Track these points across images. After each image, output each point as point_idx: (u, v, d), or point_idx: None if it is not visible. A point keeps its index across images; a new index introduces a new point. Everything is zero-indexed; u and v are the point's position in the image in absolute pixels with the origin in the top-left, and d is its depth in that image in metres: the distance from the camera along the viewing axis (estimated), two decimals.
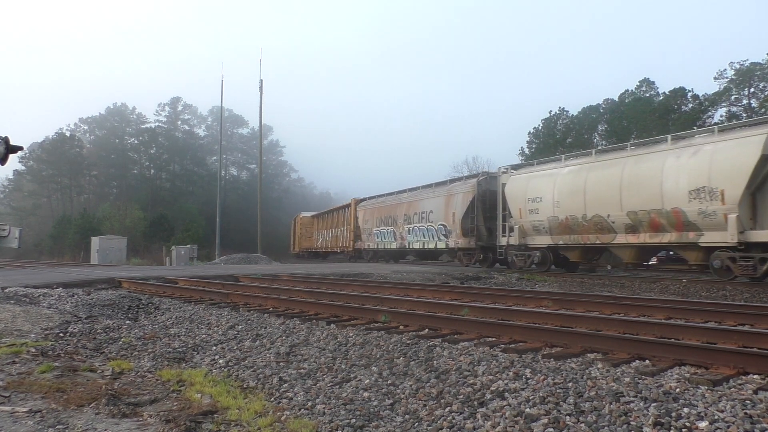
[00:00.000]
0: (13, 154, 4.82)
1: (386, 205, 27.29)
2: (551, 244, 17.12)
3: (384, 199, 28.14)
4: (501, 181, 19.33)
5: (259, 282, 12.74)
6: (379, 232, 27.49)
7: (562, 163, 17.43)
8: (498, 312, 6.84)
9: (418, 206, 24.41)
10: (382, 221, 27.22)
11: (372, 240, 28.20)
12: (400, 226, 25.38)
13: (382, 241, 27.17)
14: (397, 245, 25.81)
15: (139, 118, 78.04)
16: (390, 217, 26.49)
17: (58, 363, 5.04)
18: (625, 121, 41.11)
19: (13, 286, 10.46)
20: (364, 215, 29.20)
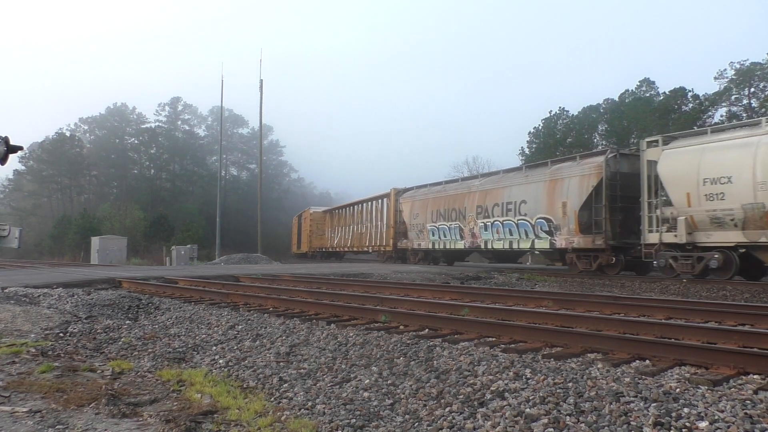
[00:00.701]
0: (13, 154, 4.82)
1: (446, 195, 22.13)
2: (742, 242, 12.52)
3: (442, 188, 22.94)
4: (646, 158, 14.64)
5: (259, 282, 12.74)
6: (435, 228, 22.24)
7: (763, 128, 12.43)
8: (498, 312, 6.84)
9: (499, 195, 19.08)
10: (440, 215, 21.93)
11: (424, 238, 23.03)
12: (471, 221, 20.17)
13: (441, 240, 21.97)
14: (466, 244, 20.68)
15: (139, 118, 78.06)
16: (454, 210, 21.20)
17: (58, 363, 5.04)
18: (625, 121, 41.13)
19: (13, 286, 10.46)
20: (412, 208, 24.00)
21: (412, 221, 24.04)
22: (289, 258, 43.27)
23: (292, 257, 44.43)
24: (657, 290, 12.28)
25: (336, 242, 33.58)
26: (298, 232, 41.16)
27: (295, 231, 42.94)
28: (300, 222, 40.99)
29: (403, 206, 24.97)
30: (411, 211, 24.24)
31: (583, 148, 35.77)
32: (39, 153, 66.04)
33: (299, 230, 40.95)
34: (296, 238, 41.94)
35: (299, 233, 40.82)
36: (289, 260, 39.51)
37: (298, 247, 41.51)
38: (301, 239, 40.23)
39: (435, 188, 23.64)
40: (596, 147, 38.25)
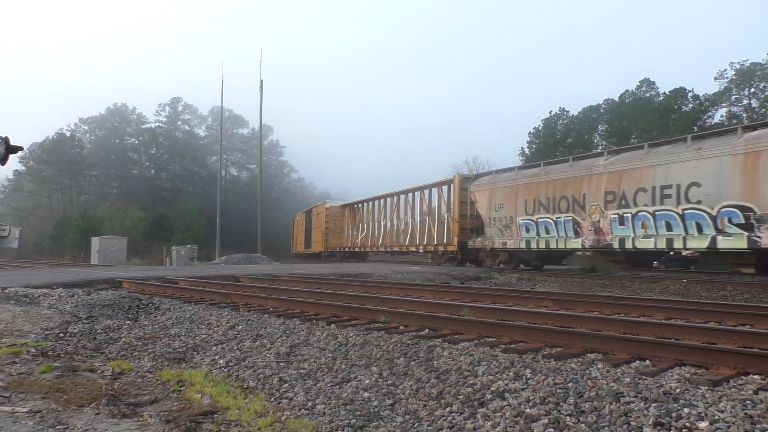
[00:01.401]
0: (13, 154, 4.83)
1: (549, 179, 17.00)
2: None
3: (541, 170, 17.58)
4: None
5: (259, 282, 12.74)
6: (531, 222, 17.27)
7: None
8: (498, 312, 6.84)
9: (645, 176, 14.17)
10: (539, 205, 17.02)
11: (511, 235, 17.98)
12: (594, 212, 15.36)
13: (541, 237, 16.93)
14: (585, 242, 15.60)
15: (139, 119, 78.10)
16: (564, 199, 16.23)
17: (59, 363, 5.04)
18: (625, 122, 41.14)
19: (14, 286, 10.46)
20: (492, 198, 19.04)
21: (493, 214, 18.87)
22: (289, 258, 43.19)
23: (292, 257, 44.34)
24: (657, 290, 12.28)
25: (360, 241, 29.22)
26: (307, 230, 37.33)
27: (300, 229, 39.68)
28: (308, 219, 37.09)
29: (476, 196, 19.85)
30: (490, 202, 19.12)
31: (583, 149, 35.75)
32: (39, 153, 66.06)
33: (308, 228, 37.08)
34: (302, 237, 38.47)
35: (308, 231, 36.95)
36: (289, 260, 39.45)
37: (306, 246, 37.50)
38: (311, 238, 36.20)
39: (528, 172, 18.37)
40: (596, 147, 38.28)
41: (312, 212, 36.76)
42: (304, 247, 38.58)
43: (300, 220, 40.78)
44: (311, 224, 36.24)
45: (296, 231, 42.64)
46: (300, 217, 41.08)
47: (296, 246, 41.75)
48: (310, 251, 36.34)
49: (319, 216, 34.24)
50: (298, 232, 41.10)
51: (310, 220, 36.95)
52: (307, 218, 37.64)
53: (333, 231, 32.38)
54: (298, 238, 41.22)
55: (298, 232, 41.14)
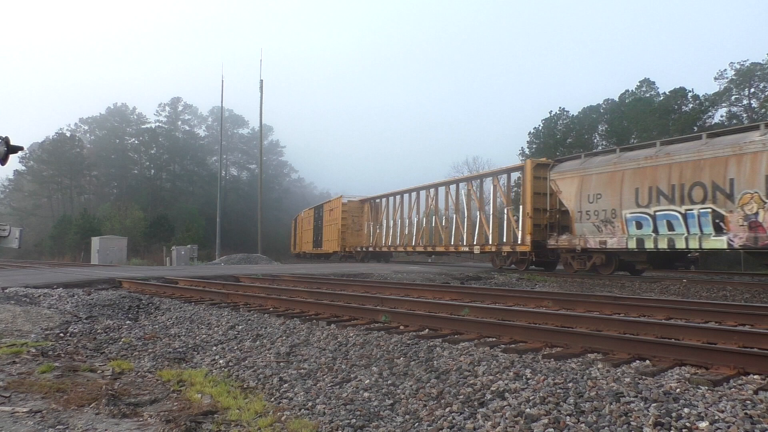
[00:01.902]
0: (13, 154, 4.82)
1: (670, 161, 13.64)
2: None
3: (657, 150, 14.22)
4: None
5: (259, 282, 12.74)
6: (646, 216, 14.05)
7: None
8: (498, 312, 6.84)
9: None
10: (659, 194, 13.74)
11: (614, 231, 14.75)
12: (747, 202, 12.08)
13: (663, 235, 13.57)
14: (734, 240, 12.26)
15: (139, 119, 78.07)
16: (698, 186, 12.93)
17: (59, 363, 5.04)
18: (625, 122, 41.12)
19: (14, 286, 10.46)
20: (583, 186, 15.76)
21: (585, 207, 15.64)
22: (289, 258, 43.16)
23: (292, 257, 44.29)
24: (657, 290, 12.28)
25: (385, 240, 26.48)
26: (316, 228, 34.55)
27: (305, 227, 37.10)
28: (318, 216, 34.28)
29: (560, 185, 16.61)
30: (580, 192, 15.83)
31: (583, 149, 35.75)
32: (39, 153, 66.05)
33: (317, 225, 34.34)
34: (310, 235, 35.86)
35: (317, 229, 34.23)
36: (289, 260, 39.40)
37: (315, 245, 34.63)
38: (321, 236, 33.33)
39: (637, 153, 14.86)
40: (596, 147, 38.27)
41: (323, 209, 33.64)
42: (312, 246, 35.68)
43: (306, 217, 38.16)
44: (322, 221, 33.35)
45: (301, 229, 39.98)
46: (306, 214, 38.30)
47: (301, 245, 39.12)
48: (320, 251, 33.43)
49: (333, 212, 31.19)
50: (304, 231, 38.38)
51: (320, 217, 33.93)
52: (317, 215, 34.86)
53: (351, 229, 29.34)
54: (304, 236, 38.60)
55: (304, 230, 38.43)
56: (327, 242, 32.26)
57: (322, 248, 33.19)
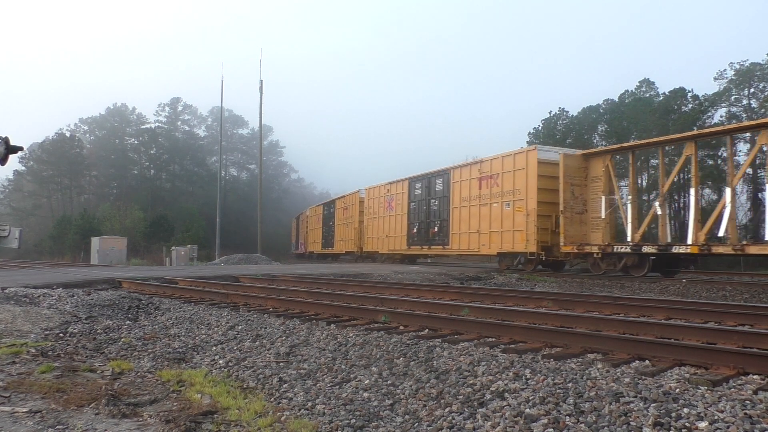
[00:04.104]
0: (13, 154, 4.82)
1: None
2: None
3: None
4: None
5: (259, 282, 12.74)
6: None
7: None
8: (498, 312, 6.84)
9: None
10: None
11: None
12: None
13: None
14: None
15: (139, 119, 78.06)
16: None
17: (58, 363, 5.04)
18: (625, 122, 41.13)
19: (13, 286, 10.46)
20: None
21: None
22: (289, 258, 43.15)
23: (292, 257, 44.25)
24: (657, 290, 12.28)
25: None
26: (326, 226, 31.88)
27: (313, 226, 34.43)
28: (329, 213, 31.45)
29: None
30: None
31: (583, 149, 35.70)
32: (39, 153, 66.03)
33: (328, 224, 31.71)
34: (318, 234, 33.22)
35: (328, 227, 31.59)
36: (289, 260, 39.38)
37: (326, 244, 31.70)
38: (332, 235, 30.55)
39: None
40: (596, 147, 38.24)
41: (334, 205, 30.90)
42: (321, 246, 32.99)
43: (312, 215, 35.61)
44: (333, 220, 30.70)
45: (307, 228, 37.25)
46: (313, 212, 35.79)
47: (307, 245, 36.45)
48: (331, 251, 30.93)
49: (349, 209, 27.97)
50: (310, 230, 35.85)
51: (331, 214, 31.29)
52: (327, 213, 32.29)
53: (373, 225, 26.19)
54: (310, 236, 36.07)
55: (310, 229, 35.90)
56: (340, 242, 29.78)
57: (333, 248, 30.92)
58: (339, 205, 30.83)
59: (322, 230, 33.59)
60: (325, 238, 32.98)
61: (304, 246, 39.49)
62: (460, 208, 20.13)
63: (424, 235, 22.46)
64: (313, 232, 35.91)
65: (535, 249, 16.53)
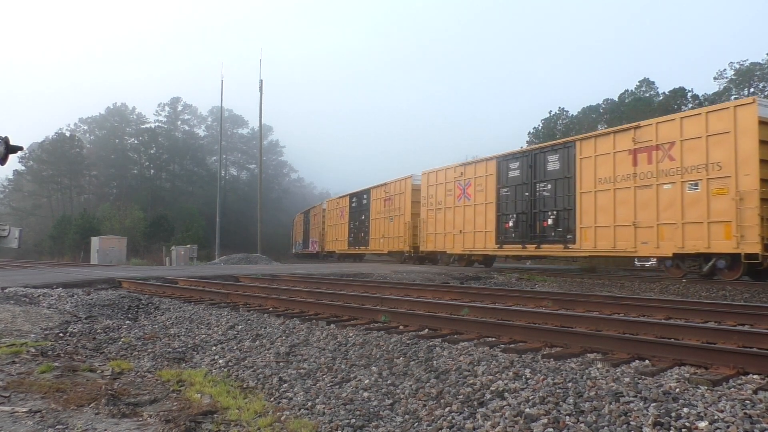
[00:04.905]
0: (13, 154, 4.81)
1: None
2: None
3: None
4: None
5: (259, 282, 12.74)
6: None
7: None
8: (498, 312, 6.84)
9: None
10: None
11: None
12: None
13: None
14: None
15: (139, 119, 78.10)
16: None
17: (58, 363, 5.04)
18: (624, 122, 41.15)
19: (13, 286, 10.45)
20: None
21: None
22: (289, 258, 43.12)
23: (292, 257, 44.23)
24: (657, 290, 12.27)
25: None
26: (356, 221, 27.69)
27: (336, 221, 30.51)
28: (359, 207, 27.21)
29: None
30: None
31: None
32: (39, 153, 66.05)
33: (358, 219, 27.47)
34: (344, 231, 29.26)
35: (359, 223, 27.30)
36: (289, 260, 39.36)
37: (354, 243, 27.90)
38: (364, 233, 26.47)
39: None
40: None
41: (369, 195, 26.03)
42: (348, 244, 28.70)
43: (333, 209, 31.45)
44: (368, 213, 26.11)
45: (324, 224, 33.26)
46: (333, 204, 31.47)
47: (327, 243, 32.11)
48: (366, 250, 26.46)
49: (395, 200, 23.55)
50: (330, 226, 31.74)
51: (362, 206, 26.90)
52: (356, 205, 27.79)
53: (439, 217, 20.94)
54: (329, 233, 31.81)
55: (330, 225, 31.80)
56: (378, 240, 25.00)
57: (367, 247, 26.17)
58: (376, 195, 25.66)
59: (348, 226, 28.82)
60: (353, 236, 28.27)
61: (317, 245, 35.53)
62: (595, 193, 15.18)
63: (526, 230, 17.52)
64: (333, 228, 31.30)
65: (759, 249, 11.38)
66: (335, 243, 31.18)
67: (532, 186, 17.39)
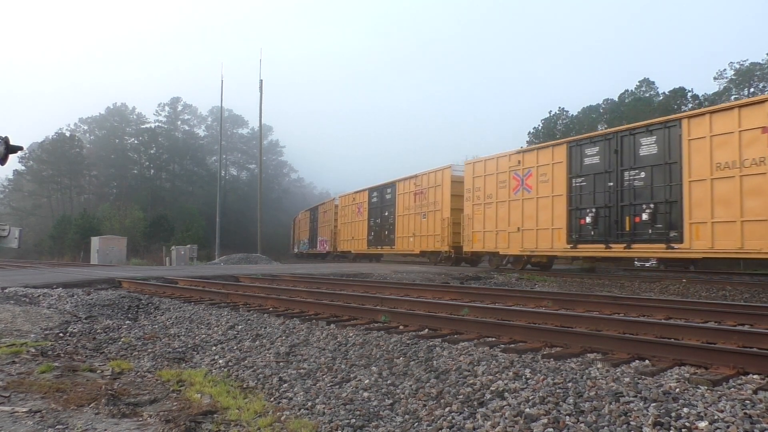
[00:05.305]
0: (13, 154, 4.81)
1: None
2: None
3: None
4: None
5: (259, 282, 12.74)
6: None
7: None
8: (498, 312, 6.84)
9: None
10: None
11: None
12: None
13: None
14: None
15: (139, 118, 78.10)
16: None
17: (58, 363, 5.04)
18: (624, 122, 41.14)
19: (13, 286, 10.45)
20: None
21: None
22: (289, 258, 43.10)
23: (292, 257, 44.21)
24: (657, 290, 12.27)
25: None
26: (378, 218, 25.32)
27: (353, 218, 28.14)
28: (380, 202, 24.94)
29: None
30: None
31: None
32: (39, 153, 66.04)
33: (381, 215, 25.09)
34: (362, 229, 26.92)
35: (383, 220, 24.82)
36: (289, 260, 39.35)
37: (375, 242, 25.33)
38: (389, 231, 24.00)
39: None
40: None
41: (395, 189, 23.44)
42: (368, 244, 26.20)
43: (347, 205, 29.03)
44: (394, 209, 23.58)
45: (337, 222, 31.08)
46: (349, 199, 28.91)
47: (341, 243, 30.00)
48: (392, 250, 23.93)
49: (426, 194, 21.13)
50: (343, 224, 29.63)
51: (389, 203, 24.21)
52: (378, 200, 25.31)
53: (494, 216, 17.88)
54: (343, 231, 29.69)
55: (343, 223, 29.67)
56: (407, 239, 22.46)
57: (393, 247, 23.65)
58: (404, 189, 23.11)
59: (368, 223, 26.39)
60: (374, 234, 25.74)
61: (327, 244, 32.80)
62: (711, 181, 12.31)
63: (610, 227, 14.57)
64: (348, 226, 28.92)
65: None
66: (351, 242, 28.64)
67: (618, 175, 14.41)
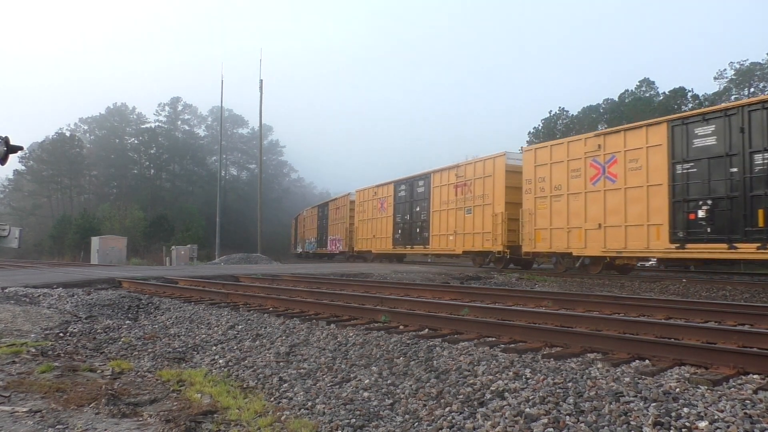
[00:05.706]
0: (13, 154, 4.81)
1: None
2: None
3: None
4: None
5: (259, 282, 12.74)
6: None
7: None
8: (498, 312, 6.84)
9: None
10: None
11: None
12: None
13: None
14: None
15: (139, 118, 78.11)
16: None
17: (58, 363, 5.04)
18: (625, 122, 41.15)
19: (13, 286, 10.46)
20: None
21: None
22: (289, 258, 43.10)
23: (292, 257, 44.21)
24: (657, 290, 12.27)
25: None
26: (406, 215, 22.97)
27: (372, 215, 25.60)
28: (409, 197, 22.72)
29: None
30: None
31: None
32: (39, 153, 66.04)
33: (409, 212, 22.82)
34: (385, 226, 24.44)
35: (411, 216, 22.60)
36: (289, 260, 39.35)
37: (404, 240, 23.05)
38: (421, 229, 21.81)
39: None
40: None
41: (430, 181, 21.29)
42: (393, 243, 23.80)
43: (364, 200, 26.80)
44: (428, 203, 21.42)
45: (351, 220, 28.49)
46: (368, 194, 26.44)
47: (357, 242, 27.50)
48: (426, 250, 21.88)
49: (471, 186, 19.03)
50: (361, 221, 27.06)
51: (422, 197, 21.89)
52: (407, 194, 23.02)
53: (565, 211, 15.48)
54: (360, 229, 27.18)
55: (361, 220, 27.10)
56: (446, 237, 20.32)
57: (427, 246, 21.41)
58: (441, 181, 20.83)
59: (394, 220, 23.83)
60: (402, 232, 23.31)
61: (340, 243, 30.35)
62: None
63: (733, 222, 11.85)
64: (367, 224, 26.42)
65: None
66: (372, 241, 25.76)
67: (744, 158, 11.61)
